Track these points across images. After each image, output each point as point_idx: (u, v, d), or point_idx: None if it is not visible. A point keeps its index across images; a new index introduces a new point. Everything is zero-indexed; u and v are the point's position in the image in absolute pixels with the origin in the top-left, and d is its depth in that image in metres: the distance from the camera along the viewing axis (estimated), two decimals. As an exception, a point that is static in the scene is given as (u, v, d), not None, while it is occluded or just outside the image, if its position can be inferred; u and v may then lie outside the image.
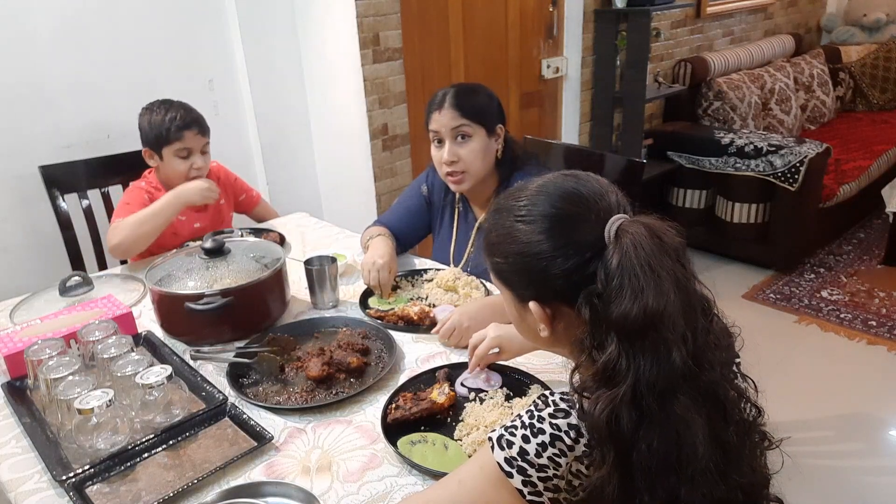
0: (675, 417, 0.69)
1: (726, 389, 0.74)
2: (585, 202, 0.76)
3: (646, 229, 0.73)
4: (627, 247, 0.71)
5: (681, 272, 0.72)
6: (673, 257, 0.72)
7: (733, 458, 0.73)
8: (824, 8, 5.09)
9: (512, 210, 0.80)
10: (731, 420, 0.74)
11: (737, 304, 3.17)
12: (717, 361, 0.74)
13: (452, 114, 1.57)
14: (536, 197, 0.79)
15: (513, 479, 0.75)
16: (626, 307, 0.69)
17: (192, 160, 1.85)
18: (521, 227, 0.78)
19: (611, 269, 0.71)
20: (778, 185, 3.22)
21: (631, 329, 0.69)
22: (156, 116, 1.83)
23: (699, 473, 0.69)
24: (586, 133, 3.61)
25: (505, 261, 0.82)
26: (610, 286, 0.71)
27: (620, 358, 0.69)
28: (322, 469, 1.04)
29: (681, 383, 0.69)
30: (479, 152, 1.59)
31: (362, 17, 2.46)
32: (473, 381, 1.23)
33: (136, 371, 1.14)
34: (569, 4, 3.27)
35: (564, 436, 0.73)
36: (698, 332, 0.72)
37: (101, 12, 2.14)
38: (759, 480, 0.80)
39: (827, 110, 4.44)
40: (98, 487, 1.03)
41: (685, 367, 0.69)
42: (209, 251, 1.45)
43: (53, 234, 1.99)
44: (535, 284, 0.79)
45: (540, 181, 0.82)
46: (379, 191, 2.74)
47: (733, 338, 0.82)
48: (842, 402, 2.47)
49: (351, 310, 1.55)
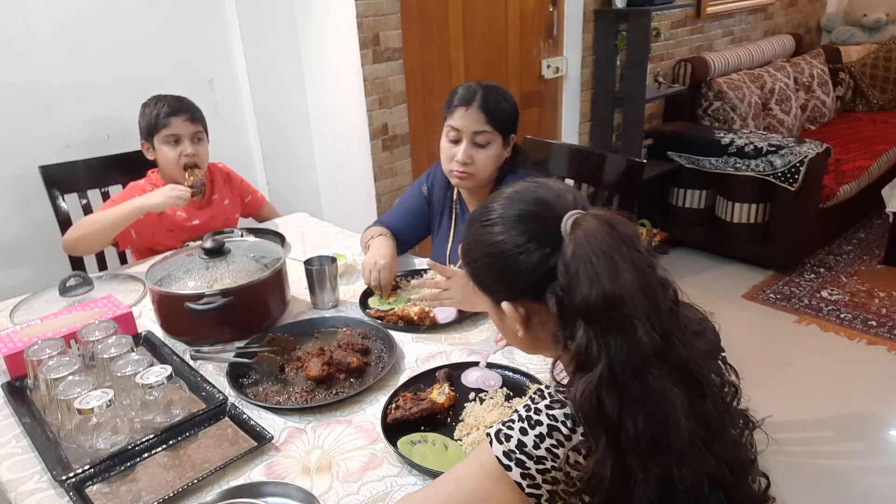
0: (652, 392, 0.72)
1: (700, 366, 0.77)
2: (544, 202, 0.82)
3: (598, 220, 0.77)
4: (580, 237, 0.75)
5: (636, 256, 0.76)
6: (628, 243, 0.76)
7: (715, 431, 0.76)
8: (824, 8, 5.09)
9: (479, 218, 0.86)
10: (707, 394, 0.77)
11: (737, 304, 3.17)
12: (689, 341, 0.78)
13: (479, 117, 1.54)
14: (500, 203, 0.84)
15: (511, 472, 0.76)
16: (585, 292, 0.73)
17: (181, 147, 1.86)
18: (488, 230, 0.83)
19: (567, 259, 0.75)
20: (778, 185, 3.22)
21: (594, 312, 0.73)
22: (149, 108, 1.87)
23: (686, 447, 0.72)
24: (586, 133, 3.61)
25: (476, 264, 0.87)
26: (569, 275, 0.75)
27: (591, 342, 0.73)
28: (322, 469, 1.05)
29: (652, 359, 0.73)
30: (493, 159, 1.59)
31: (362, 17, 2.46)
32: (474, 380, 1.23)
33: (136, 371, 1.14)
34: (569, 4, 3.27)
35: (561, 426, 0.76)
36: (662, 309, 0.75)
37: (101, 12, 2.14)
38: (744, 457, 0.82)
39: (827, 110, 4.44)
40: (98, 487, 1.03)
41: (653, 342, 0.73)
42: (209, 251, 1.45)
43: (53, 234, 1.99)
44: (505, 283, 0.84)
45: (506, 190, 0.87)
46: (379, 191, 2.74)
47: (708, 327, 0.85)
48: (842, 402, 2.47)
49: (351, 310, 1.55)
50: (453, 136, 1.58)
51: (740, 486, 0.79)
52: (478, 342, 1.39)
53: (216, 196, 2.00)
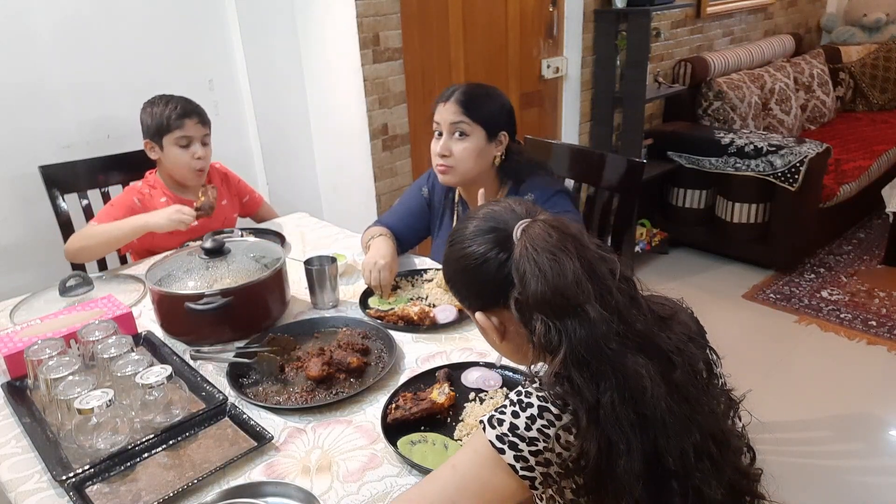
0: (618, 366, 0.78)
1: (662, 340, 0.83)
2: (501, 216, 0.91)
3: (544, 224, 0.85)
4: (526, 241, 0.84)
5: (581, 249, 0.83)
6: (573, 240, 0.83)
7: (695, 403, 0.81)
8: (824, 8, 5.09)
9: (452, 238, 0.95)
10: (677, 365, 0.81)
11: (737, 304, 3.17)
12: (649, 319, 0.83)
13: (455, 109, 1.57)
14: (469, 223, 0.93)
15: (505, 454, 0.79)
16: (533, 287, 0.81)
17: (192, 149, 1.86)
18: (458, 246, 0.92)
19: (516, 260, 0.84)
20: (778, 185, 3.22)
21: (545, 303, 0.80)
22: (156, 108, 1.86)
23: (668, 417, 0.77)
24: (586, 133, 3.61)
25: (453, 280, 0.96)
26: (520, 275, 0.83)
27: (549, 331, 0.79)
28: (322, 469, 1.05)
29: (612, 336, 0.79)
30: (471, 152, 1.59)
31: (362, 17, 2.46)
32: (474, 380, 1.23)
33: (136, 371, 1.14)
34: (569, 4, 3.27)
35: (551, 405, 0.79)
36: (612, 291, 0.82)
37: (101, 12, 2.14)
38: (728, 429, 0.85)
39: (827, 110, 4.44)
40: (98, 487, 1.03)
41: (606, 321, 0.79)
42: (209, 251, 1.45)
43: (53, 234, 1.99)
44: (474, 293, 0.93)
45: (472, 212, 0.97)
46: (379, 191, 2.74)
47: (679, 310, 0.91)
48: (842, 402, 2.47)
49: (351, 310, 1.55)
50: (437, 131, 1.62)
51: (727, 458, 0.83)
52: (478, 342, 1.39)
53: None
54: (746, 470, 0.88)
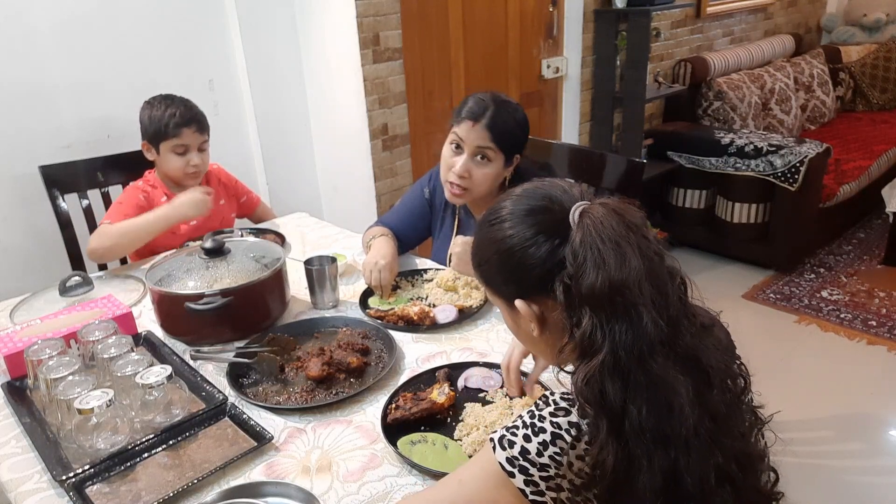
0: (657, 380, 0.72)
1: (707, 357, 0.77)
2: (550, 196, 0.82)
3: (606, 208, 0.78)
4: (588, 225, 0.76)
5: (644, 243, 0.76)
6: (636, 231, 0.76)
7: (722, 424, 0.76)
8: (824, 8, 5.09)
9: (489, 218, 0.87)
10: (715, 385, 0.76)
11: (737, 304, 3.17)
12: (697, 331, 0.78)
13: (485, 134, 1.51)
14: (509, 201, 0.85)
15: (514, 478, 0.76)
16: (591, 279, 0.73)
17: (188, 157, 1.86)
18: (497, 227, 0.84)
19: (575, 247, 0.75)
20: (778, 185, 3.22)
21: (599, 299, 0.73)
22: (156, 111, 1.84)
23: (692, 437, 0.72)
24: (586, 133, 3.61)
25: (487, 263, 0.87)
26: (577, 262, 0.75)
27: (595, 329, 0.73)
28: (322, 469, 1.05)
29: (658, 347, 0.73)
30: (491, 178, 1.57)
31: (362, 17, 2.46)
32: (474, 380, 1.23)
33: (136, 371, 1.14)
34: (569, 4, 3.27)
35: (565, 433, 0.75)
36: (670, 297, 0.75)
37: (101, 12, 2.14)
38: (753, 452, 0.81)
39: (827, 110, 4.44)
40: (98, 487, 1.03)
41: (659, 329, 0.72)
42: (209, 251, 1.45)
43: (53, 234, 1.99)
44: (515, 279, 0.83)
45: (514, 190, 0.88)
46: (379, 191, 2.74)
47: (718, 324, 0.86)
48: (842, 402, 2.47)
49: (351, 310, 1.55)
50: (456, 144, 1.57)
51: (748, 482, 0.78)
52: (478, 342, 1.39)
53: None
54: (768, 493, 0.84)
